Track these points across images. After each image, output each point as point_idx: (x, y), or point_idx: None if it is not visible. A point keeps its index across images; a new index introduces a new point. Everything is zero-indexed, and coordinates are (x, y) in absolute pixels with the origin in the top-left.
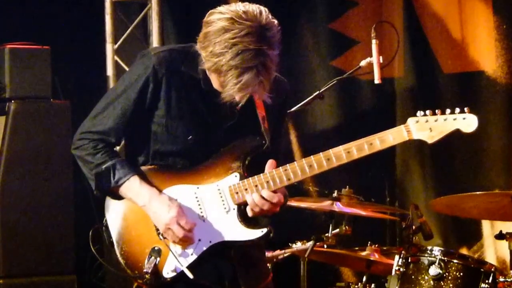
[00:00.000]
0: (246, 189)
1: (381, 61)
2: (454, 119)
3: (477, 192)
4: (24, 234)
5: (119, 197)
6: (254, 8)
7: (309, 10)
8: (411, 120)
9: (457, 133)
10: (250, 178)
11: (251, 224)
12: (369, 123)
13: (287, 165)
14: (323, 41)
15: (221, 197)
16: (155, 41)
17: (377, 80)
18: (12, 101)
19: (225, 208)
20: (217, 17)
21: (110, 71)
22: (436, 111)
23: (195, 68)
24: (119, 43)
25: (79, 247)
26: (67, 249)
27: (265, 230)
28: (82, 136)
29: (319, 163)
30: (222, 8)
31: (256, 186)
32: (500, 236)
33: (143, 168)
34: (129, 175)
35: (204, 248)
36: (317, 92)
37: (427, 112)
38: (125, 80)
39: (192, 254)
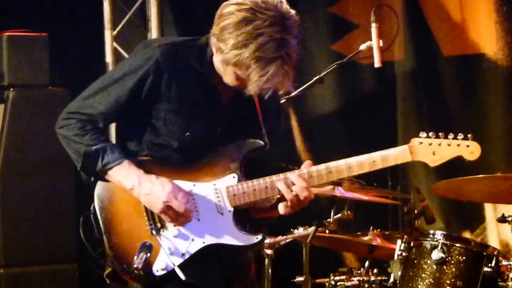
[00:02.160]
0: (244, 192)
1: (381, 44)
2: (458, 145)
3: (479, 176)
4: (25, 223)
5: (106, 180)
6: None
7: None
8: (415, 141)
9: (458, 160)
10: (249, 181)
11: (246, 229)
12: (370, 107)
13: (287, 172)
14: (322, 25)
15: (218, 197)
16: (154, 27)
17: (377, 64)
18: (11, 89)
19: (221, 209)
20: (235, 8)
21: (109, 58)
22: (440, 134)
23: (201, 63)
24: (117, 29)
25: (79, 235)
26: (68, 237)
27: (260, 237)
28: (69, 116)
29: (319, 175)
30: None
31: (255, 190)
32: (502, 219)
33: (138, 158)
34: (118, 160)
35: (197, 249)
36: (317, 77)
37: (430, 134)
38: (124, 67)
39: (184, 254)
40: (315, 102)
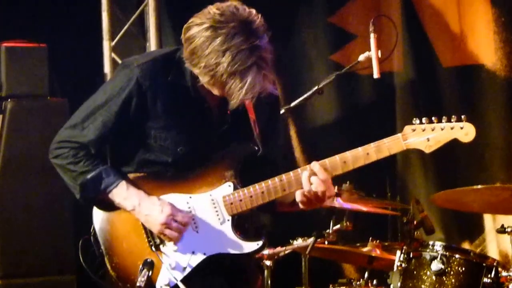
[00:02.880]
0: (240, 200)
1: (379, 55)
2: (452, 128)
3: (478, 186)
4: (23, 234)
5: (104, 206)
6: (228, 6)
7: (307, 4)
8: (408, 128)
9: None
10: (245, 188)
11: (246, 236)
12: (369, 118)
13: (283, 175)
14: (321, 36)
15: (215, 207)
16: (152, 37)
17: (376, 75)
18: (9, 100)
19: (219, 219)
20: (196, 30)
21: (107, 68)
22: (433, 118)
23: (182, 76)
24: (116, 40)
25: (78, 246)
26: (66, 249)
27: (260, 243)
28: (61, 145)
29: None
30: (197, 19)
31: (251, 197)
32: (501, 230)
33: (131, 175)
34: (116, 182)
35: (199, 261)
36: (316, 87)
37: (423, 119)
38: (106, 91)
39: (186, 267)
40: (314, 112)
